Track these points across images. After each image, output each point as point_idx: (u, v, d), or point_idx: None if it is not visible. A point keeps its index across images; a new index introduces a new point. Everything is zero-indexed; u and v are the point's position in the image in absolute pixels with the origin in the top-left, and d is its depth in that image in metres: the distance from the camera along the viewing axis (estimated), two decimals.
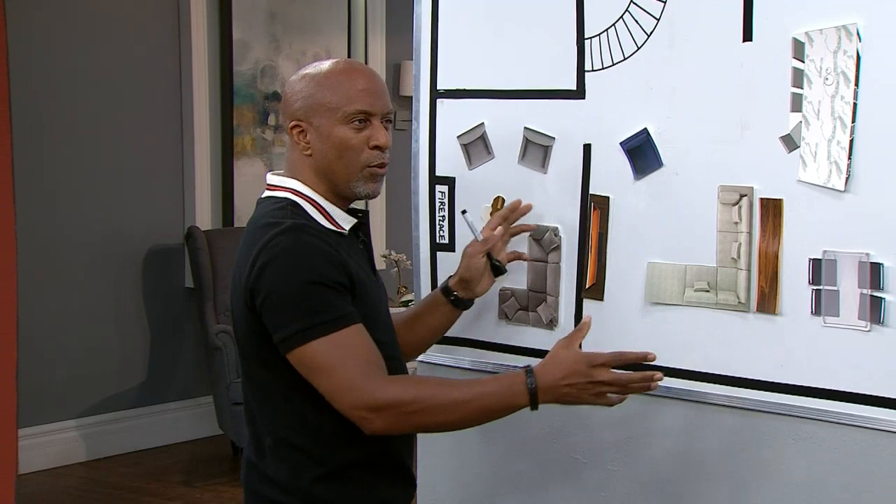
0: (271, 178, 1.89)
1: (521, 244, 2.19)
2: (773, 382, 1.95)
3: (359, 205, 1.97)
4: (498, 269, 2.09)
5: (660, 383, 1.78)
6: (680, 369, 2.03)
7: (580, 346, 1.84)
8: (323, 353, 1.73)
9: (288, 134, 1.88)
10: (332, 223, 1.85)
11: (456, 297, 2.09)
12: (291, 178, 1.88)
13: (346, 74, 1.85)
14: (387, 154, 1.88)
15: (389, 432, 1.77)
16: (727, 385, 1.99)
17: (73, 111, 4.74)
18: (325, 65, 1.88)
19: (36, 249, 4.47)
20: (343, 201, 1.89)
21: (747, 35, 1.93)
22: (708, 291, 2.00)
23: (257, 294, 1.77)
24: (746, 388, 1.97)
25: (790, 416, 1.94)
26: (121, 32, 4.85)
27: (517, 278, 2.21)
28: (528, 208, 2.11)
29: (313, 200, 1.85)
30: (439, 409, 1.76)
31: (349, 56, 5.88)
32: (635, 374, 1.81)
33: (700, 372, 2.02)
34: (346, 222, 1.87)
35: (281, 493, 1.83)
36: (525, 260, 2.16)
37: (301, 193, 1.86)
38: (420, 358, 2.35)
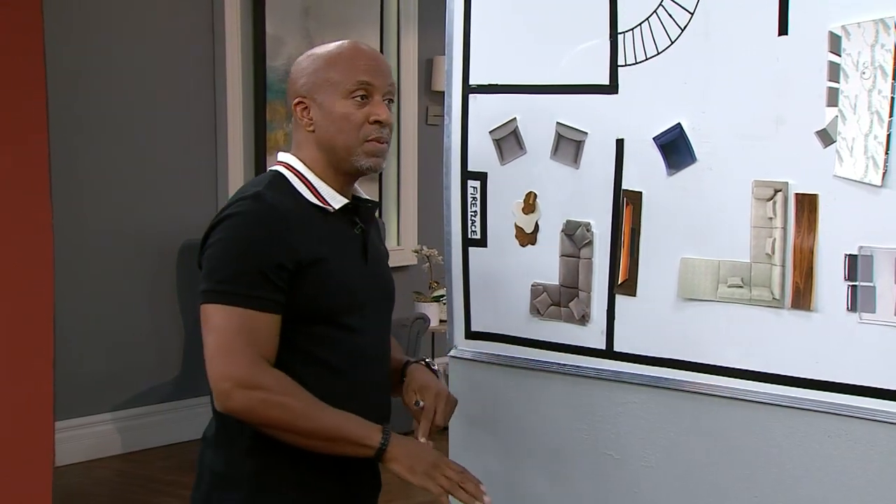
0: (279, 155, 1.93)
1: (554, 238, 2.19)
2: (807, 379, 1.93)
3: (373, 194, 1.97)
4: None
5: (692, 380, 1.76)
6: (713, 365, 2.02)
7: None
8: (223, 318, 1.76)
9: (292, 112, 1.90)
10: (318, 198, 1.86)
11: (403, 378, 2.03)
12: (291, 153, 1.91)
13: (350, 52, 1.88)
14: (387, 130, 1.88)
15: (242, 416, 1.76)
16: (761, 381, 1.98)
17: (107, 108, 4.78)
18: (332, 45, 1.91)
19: (72, 245, 4.52)
20: (345, 179, 1.89)
21: (783, 29, 1.91)
22: (742, 287, 1.98)
23: (204, 248, 1.82)
24: (781, 384, 1.96)
25: (825, 412, 1.92)
26: (155, 29, 4.89)
27: (549, 273, 2.21)
28: None
29: (300, 174, 1.87)
30: (299, 413, 1.76)
31: (381, 51, 5.88)
32: (471, 479, 1.81)
33: (734, 368, 2.01)
34: (336, 201, 1.87)
35: (221, 461, 1.87)
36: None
37: (290, 166, 1.89)
38: (451, 353, 2.36)
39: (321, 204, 1.86)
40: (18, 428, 3.48)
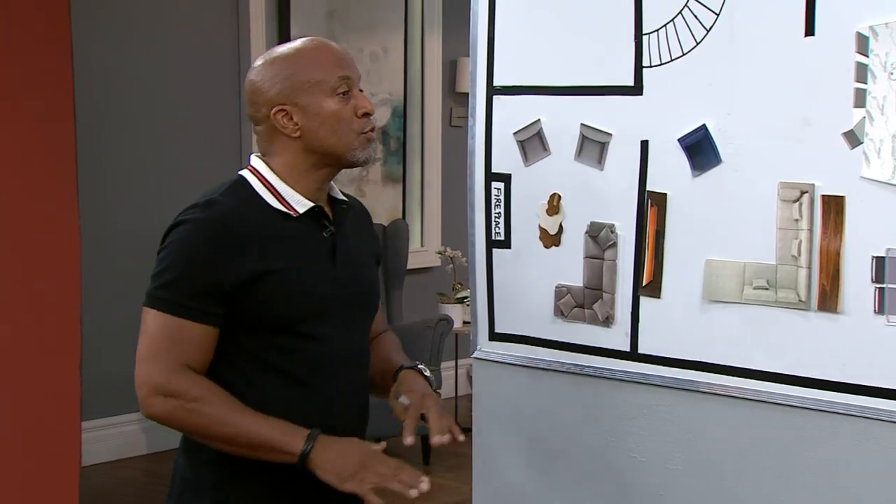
0: (251, 159, 1.91)
1: (578, 240, 2.19)
2: (834, 382, 1.92)
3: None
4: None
5: (717, 382, 1.74)
6: (738, 367, 2.01)
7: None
8: (154, 323, 1.78)
9: (267, 122, 1.83)
10: (281, 202, 1.84)
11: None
12: (261, 159, 1.88)
13: (319, 49, 1.85)
14: (372, 120, 1.88)
15: (161, 422, 1.78)
16: (787, 384, 1.97)
17: (133, 110, 4.81)
18: (293, 45, 1.87)
19: (98, 246, 4.55)
20: (323, 178, 1.86)
21: (809, 29, 1.90)
22: (767, 289, 1.97)
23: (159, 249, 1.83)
24: (807, 387, 1.95)
25: (852, 415, 1.91)
26: (180, 31, 4.92)
27: (573, 275, 2.20)
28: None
29: (264, 178, 1.85)
30: (215, 419, 1.75)
31: (406, 53, 5.90)
32: (408, 471, 1.76)
33: (759, 370, 2.00)
34: (301, 206, 1.85)
35: (188, 468, 1.88)
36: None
37: (256, 171, 1.87)
38: (475, 354, 2.36)
39: (284, 208, 1.84)
40: (46, 428, 3.51)
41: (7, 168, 3.40)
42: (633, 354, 2.14)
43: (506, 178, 2.28)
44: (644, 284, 2.12)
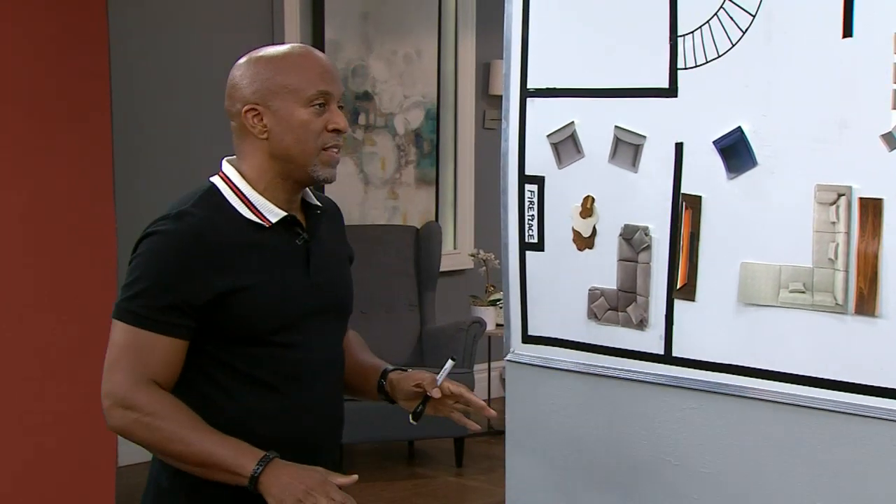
0: (223, 164, 1.88)
1: (611, 242, 2.18)
2: (871, 386, 1.90)
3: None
4: (417, 415, 1.92)
5: (752, 385, 1.71)
6: (774, 371, 2.00)
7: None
8: (119, 335, 1.76)
9: (239, 119, 1.82)
10: (254, 213, 1.81)
11: (382, 386, 1.97)
12: (232, 164, 1.86)
13: (304, 58, 1.82)
14: (342, 139, 1.85)
15: (121, 434, 1.76)
16: (823, 388, 1.95)
17: (168, 111, 4.85)
18: (281, 48, 1.84)
19: (133, 242, 4.58)
20: (293, 188, 1.84)
21: (847, 31, 1.88)
22: (804, 292, 1.96)
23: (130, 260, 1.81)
24: (844, 391, 1.93)
25: (890, 420, 1.89)
26: (215, 32, 4.96)
27: (607, 278, 2.20)
28: (489, 413, 1.93)
29: (236, 187, 1.82)
30: (168, 436, 1.72)
31: (439, 55, 5.90)
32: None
33: (795, 374, 1.98)
34: (274, 215, 1.82)
35: (166, 478, 1.85)
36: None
37: (228, 179, 1.84)
38: (508, 357, 2.36)
39: (257, 219, 1.81)
40: (83, 429, 3.55)
41: (46, 167, 3.44)
42: (667, 357, 2.14)
43: (539, 181, 2.28)
44: (678, 287, 2.11)
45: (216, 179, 1.86)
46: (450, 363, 1.93)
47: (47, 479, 3.49)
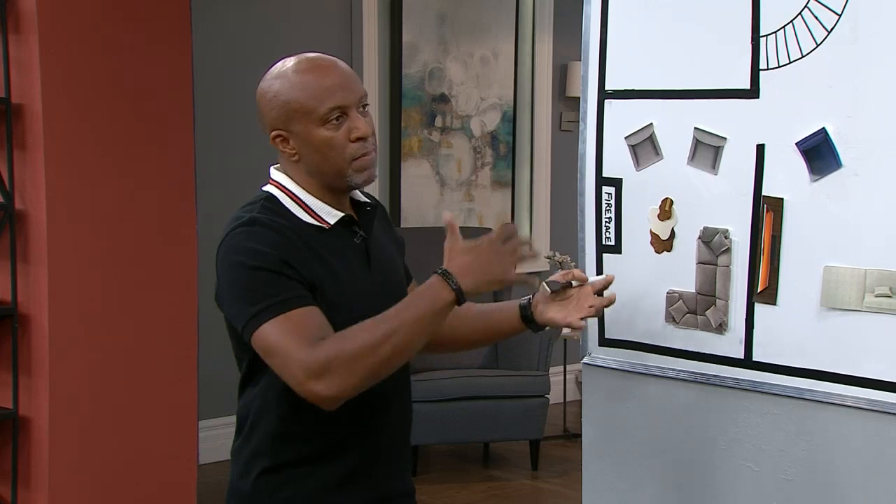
0: (271, 171, 1.89)
1: (690, 245, 2.16)
2: None
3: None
4: (552, 284, 2.01)
5: (835, 391, 1.67)
6: (858, 377, 1.96)
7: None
8: (271, 335, 1.73)
9: (272, 144, 1.85)
10: (312, 216, 1.83)
11: (528, 314, 2.07)
12: (282, 172, 1.88)
13: (311, 73, 1.80)
14: (370, 141, 1.82)
15: (342, 394, 1.71)
16: None
17: (248, 115, 4.92)
18: (290, 64, 1.83)
19: (214, 249, 4.67)
20: (339, 195, 1.86)
21: None
22: (890, 297, 1.91)
23: (217, 287, 1.82)
24: None
25: None
26: (295, 36, 5.02)
27: (685, 281, 2.17)
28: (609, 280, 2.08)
29: (292, 193, 1.84)
30: (372, 344, 1.70)
31: (516, 57, 5.90)
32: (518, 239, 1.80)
33: (880, 380, 1.94)
34: (332, 217, 1.84)
35: (238, 479, 1.88)
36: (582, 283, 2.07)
37: (282, 186, 1.85)
38: (585, 360, 2.35)
39: (316, 222, 1.84)
40: (166, 427, 3.63)
41: (131, 171, 3.52)
42: (747, 362, 2.11)
43: (617, 183, 2.26)
44: (759, 291, 2.08)
45: (270, 188, 1.88)
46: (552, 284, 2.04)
47: (133, 477, 3.57)
